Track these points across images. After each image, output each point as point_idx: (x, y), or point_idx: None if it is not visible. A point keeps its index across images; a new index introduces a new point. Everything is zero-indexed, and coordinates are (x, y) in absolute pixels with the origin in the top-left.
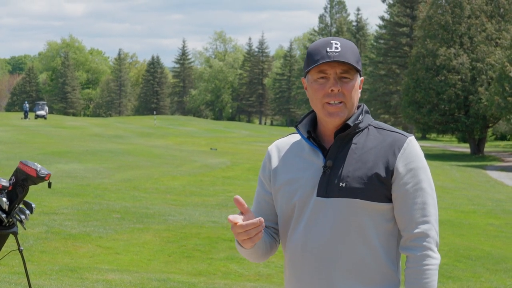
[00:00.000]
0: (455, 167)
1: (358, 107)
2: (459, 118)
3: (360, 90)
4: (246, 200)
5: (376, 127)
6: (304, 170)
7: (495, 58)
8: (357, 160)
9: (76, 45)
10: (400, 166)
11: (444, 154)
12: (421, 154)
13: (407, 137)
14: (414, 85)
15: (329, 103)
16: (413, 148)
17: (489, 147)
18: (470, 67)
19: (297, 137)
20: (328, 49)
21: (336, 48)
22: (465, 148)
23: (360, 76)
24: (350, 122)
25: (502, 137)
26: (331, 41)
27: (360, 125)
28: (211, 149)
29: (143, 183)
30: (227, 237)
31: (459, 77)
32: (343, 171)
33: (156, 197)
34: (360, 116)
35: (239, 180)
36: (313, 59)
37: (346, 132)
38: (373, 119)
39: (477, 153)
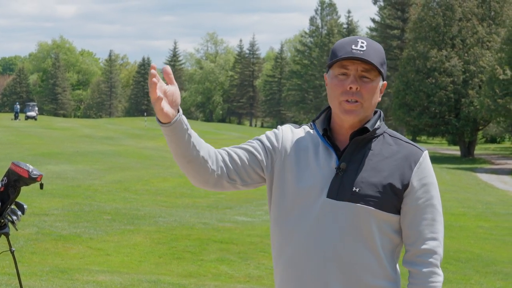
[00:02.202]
0: (445, 170)
1: (375, 112)
2: (449, 121)
3: (381, 95)
4: (240, 200)
5: (391, 136)
6: (316, 168)
7: (485, 61)
8: (373, 167)
9: (66, 46)
10: (415, 180)
11: (434, 156)
12: (432, 169)
13: (423, 151)
14: (404, 87)
15: (346, 101)
16: (427, 163)
17: (479, 149)
18: (463, 69)
19: (309, 131)
20: (353, 46)
21: (362, 46)
22: (455, 150)
23: (383, 80)
24: (369, 126)
25: (493, 140)
26: (358, 39)
27: (378, 131)
28: None
29: (133, 184)
30: (217, 238)
31: (451, 79)
32: (357, 176)
33: (146, 198)
34: (378, 122)
35: None
36: (336, 54)
37: (363, 137)
38: (387, 127)
39: (467, 156)
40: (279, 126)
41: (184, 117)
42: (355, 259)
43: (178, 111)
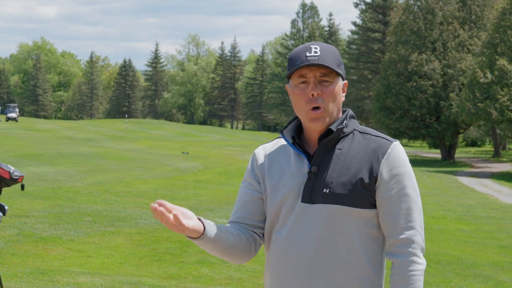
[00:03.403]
0: (426, 173)
1: (344, 111)
2: (430, 124)
3: (344, 94)
4: (222, 202)
5: (361, 132)
6: (290, 175)
7: (466, 64)
8: (341, 166)
9: (47, 48)
10: (384, 171)
11: (415, 159)
12: (406, 159)
13: (392, 142)
14: (385, 90)
15: (312, 109)
16: (397, 153)
17: (460, 153)
18: (442, 73)
19: (282, 142)
20: (308, 54)
21: (316, 52)
22: (436, 154)
23: (344, 80)
24: (333, 127)
25: (473, 143)
26: (311, 46)
27: (345, 130)
28: (182, 152)
29: (114, 186)
30: None
31: (431, 82)
32: (327, 177)
33: (127, 200)
34: (345, 121)
35: (210, 184)
36: (293, 64)
37: (330, 138)
38: (358, 124)
39: (448, 159)
40: (254, 151)
41: (207, 222)
42: (332, 260)
43: (200, 219)
